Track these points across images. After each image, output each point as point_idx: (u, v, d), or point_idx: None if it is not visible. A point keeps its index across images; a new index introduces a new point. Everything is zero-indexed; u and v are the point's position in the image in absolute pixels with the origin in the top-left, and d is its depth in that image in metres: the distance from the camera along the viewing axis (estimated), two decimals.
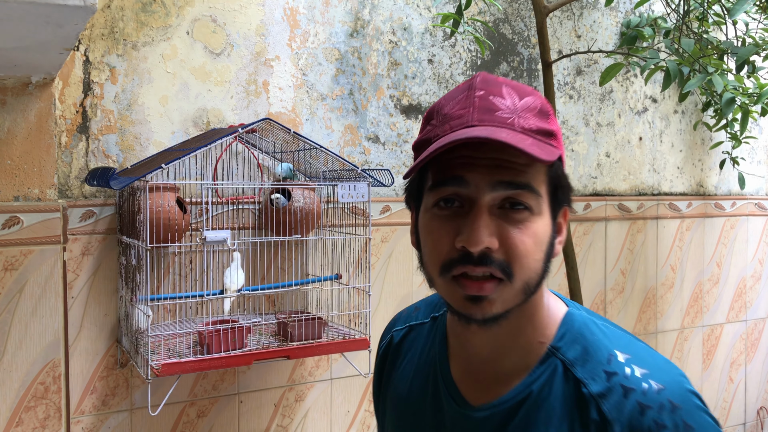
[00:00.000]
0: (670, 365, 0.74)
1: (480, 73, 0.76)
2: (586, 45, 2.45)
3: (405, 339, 0.94)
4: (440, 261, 0.72)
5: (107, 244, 1.68)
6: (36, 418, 1.59)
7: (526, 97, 0.74)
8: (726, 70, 2.17)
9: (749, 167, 2.90)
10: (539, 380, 0.75)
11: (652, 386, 0.70)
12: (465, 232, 0.70)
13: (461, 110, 0.73)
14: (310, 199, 1.75)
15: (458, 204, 0.72)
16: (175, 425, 1.77)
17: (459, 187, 0.71)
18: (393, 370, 0.93)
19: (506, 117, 0.71)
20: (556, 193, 0.75)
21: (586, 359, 0.74)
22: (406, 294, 2.11)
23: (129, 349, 1.62)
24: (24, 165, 1.58)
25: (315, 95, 1.95)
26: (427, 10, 2.12)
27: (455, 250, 0.71)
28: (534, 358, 0.76)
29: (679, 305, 2.74)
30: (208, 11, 1.79)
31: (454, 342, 0.84)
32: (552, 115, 0.75)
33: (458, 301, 0.72)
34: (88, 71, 1.66)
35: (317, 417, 1.98)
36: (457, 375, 0.82)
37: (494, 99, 0.72)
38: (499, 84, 0.74)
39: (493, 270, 0.70)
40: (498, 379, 0.78)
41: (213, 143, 1.52)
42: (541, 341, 0.77)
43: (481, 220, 0.69)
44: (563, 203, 0.77)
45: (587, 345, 0.75)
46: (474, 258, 0.69)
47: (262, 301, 1.87)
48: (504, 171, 0.70)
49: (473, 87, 0.74)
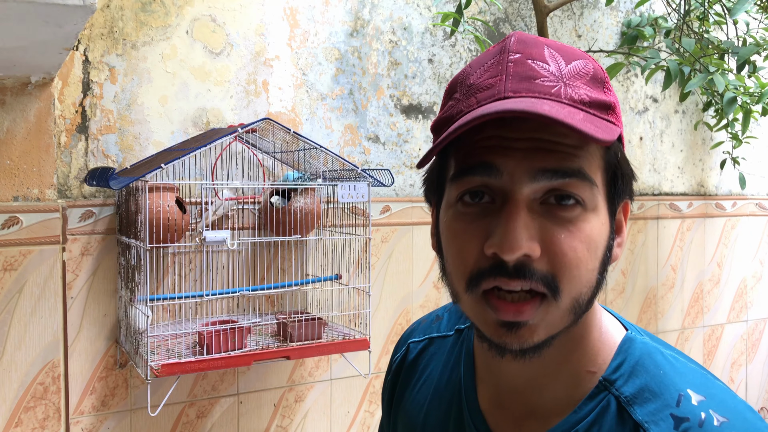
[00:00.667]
0: (754, 414, 0.58)
1: (515, 33, 0.59)
2: (587, 45, 2.45)
3: (423, 353, 0.78)
4: (467, 272, 0.57)
5: (107, 245, 1.68)
6: (35, 418, 1.59)
7: (576, 60, 0.58)
8: (727, 69, 2.17)
9: (750, 167, 2.90)
10: (587, 419, 0.60)
11: None
12: (497, 235, 0.54)
13: (491, 79, 0.57)
14: (310, 199, 1.75)
15: (488, 199, 0.57)
16: (174, 426, 1.77)
17: (488, 176, 0.55)
18: (406, 389, 0.78)
19: (550, 86, 0.55)
20: (615, 182, 0.59)
21: (648, 398, 0.58)
22: (406, 294, 2.11)
23: (128, 350, 1.61)
24: (23, 165, 1.58)
25: (315, 95, 1.95)
26: (428, 10, 2.12)
27: (485, 258, 0.55)
28: (581, 392, 0.61)
29: (680, 305, 2.74)
30: (207, 11, 1.78)
31: (481, 365, 0.69)
32: (608, 83, 0.59)
33: (489, 327, 0.57)
34: (87, 71, 1.66)
35: (317, 417, 1.98)
36: (485, 404, 0.67)
37: (534, 63, 0.56)
38: (540, 44, 0.58)
39: (534, 284, 0.54)
40: (534, 414, 0.63)
41: (213, 143, 1.52)
42: (591, 371, 0.61)
43: (518, 220, 0.54)
44: (624, 196, 0.61)
45: (650, 380, 0.59)
46: (509, 269, 0.54)
47: (262, 301, 1.87)
48: (547, 155, 0.54)
49: (506, 50, 0.58)
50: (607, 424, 0.59)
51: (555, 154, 0.55)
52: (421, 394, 0.76)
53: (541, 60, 0.57)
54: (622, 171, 0.59)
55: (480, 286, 0.56)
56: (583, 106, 0.55)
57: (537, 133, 0.55)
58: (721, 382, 0.62)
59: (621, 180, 0.60)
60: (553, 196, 0.55)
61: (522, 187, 0.55)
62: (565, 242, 0.55)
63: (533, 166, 0.54)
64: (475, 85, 0.58)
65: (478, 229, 0.56)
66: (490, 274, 0.55)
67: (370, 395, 2.06)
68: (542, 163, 0.54)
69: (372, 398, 2.06)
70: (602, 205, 0.58)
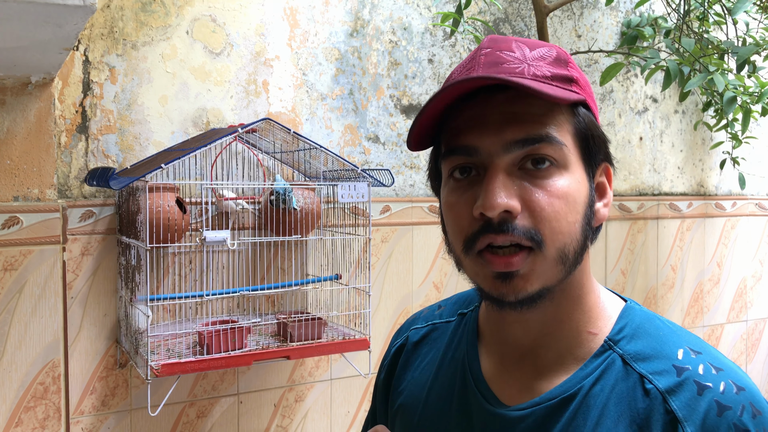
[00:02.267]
0: (743, 371, 0.66)
1: (490, 35, 0.69)
2: (587, 45, 2.45)
3: (426, 338, 0.83)
4: (463, 236, 0.64)
5: (107, 245, 1.68)
6: (35, 418, 1.59)
7: (540, 48, 0.66)
8: (726, 69, 2.17)
9: (749, 167, 2.90)
10: (593, 375, 0.65)
11: (731, 386, 0.62)
12: (480, 198, 0.62)
13: (465, 71, 0.67)
14: (310, 199, 1.75)
15: (475, 173, 0.65)
16: (174, 425, 1.77)
17: (469, 156, 0.64)
18: (407, 371, 0.83)
19: (515, 67, 0.63)
20: (587, 144, 0.66)
21: (651, 354, 0.65)
22: (406, 294, 2.11)
23: (129, 350, 1.61)
24: (23, 165, 1.58)
25: (315, 95, 1.95)
26: (427, 10, 2.12)
27: (475, 220, 0.63)
28: (585, 351, 0.67)
29: (680, 305, 2.74)
30: (207, 11, 1.78)
31: (488, 335, 0.75)
32: (572, 63, 0.67)
33: (487, 281, 0.64)
34: (87, 71, 1.66)
35: (317, 417, 1.98)
36: (489, 372, 0.72)
37: (501, 53, 0.65)
38: (509, 40, 0.67)
39: (519, 238, 0.61)
40: (540, 375, 0.68)
41: (213, 143, 1.52)
42: (593, 332, 0.67)
43: (495, 182, 0.61)
44: (598, 157, 0.67)
45: (652, 341, 0.66)
46: (494, 225, 0.61)
47: (262, 301, 1.87)
48: (517, 127, 0.62)
49: (480, 48, 0.68)
50: (613, 377, 0.64)
51: (524, 123, 0.62)
52: (424, 374, 0.80)
53: (508, 50, 0.65)
54: (592, 133, 0.66)
55: (475, 246, 0.63)
56: (545, 80, 0.63)
57: (507, 106, 0.63)
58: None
59: (592, 141, 0.66)
60: (530, 161, 0.63)
61: (497, 160, 0.63)
62: (543, 199, 0.62)
63: (505, 139, 0.62)
64: (452, 78, 0.68)
65: (468, 198, 0.64)
66: (480, 233, 0.63)
67: (370, 395, 2.06)
68: (513, 135, 0.62)
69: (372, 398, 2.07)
70: (576, 163, 0.65)
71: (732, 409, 0.60)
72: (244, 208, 1.76)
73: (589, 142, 0.66)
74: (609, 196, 0.69)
